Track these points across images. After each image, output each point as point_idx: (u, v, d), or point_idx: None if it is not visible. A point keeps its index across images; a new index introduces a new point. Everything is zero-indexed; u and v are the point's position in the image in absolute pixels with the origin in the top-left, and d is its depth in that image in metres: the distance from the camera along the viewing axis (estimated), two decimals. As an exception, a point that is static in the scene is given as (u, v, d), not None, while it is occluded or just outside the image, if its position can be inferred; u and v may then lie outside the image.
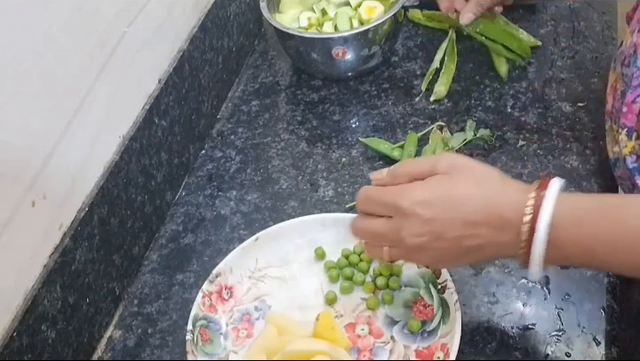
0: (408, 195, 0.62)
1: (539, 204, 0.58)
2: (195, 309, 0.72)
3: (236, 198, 0.91)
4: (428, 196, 0.62)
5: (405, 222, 0.62)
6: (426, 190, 0.62)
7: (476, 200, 0.61)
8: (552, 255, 0.59)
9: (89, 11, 0.74)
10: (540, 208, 0.58)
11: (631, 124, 0.74)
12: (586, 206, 0.59)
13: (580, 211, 0.59)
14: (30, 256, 0.67)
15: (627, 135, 0.74)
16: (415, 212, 0.61)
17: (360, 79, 1.06)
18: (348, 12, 1.04)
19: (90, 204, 0.75)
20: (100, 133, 0.78)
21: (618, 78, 0.77)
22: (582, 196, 0.62)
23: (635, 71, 0.72)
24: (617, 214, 0.58)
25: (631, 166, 0.74)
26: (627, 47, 0.75)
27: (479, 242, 0.61)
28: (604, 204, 0.60)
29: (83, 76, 0.74)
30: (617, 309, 0.73)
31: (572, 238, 0.58)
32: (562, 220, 0.58)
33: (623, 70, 0.75)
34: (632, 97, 0.73)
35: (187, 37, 0.95)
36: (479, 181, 0.62)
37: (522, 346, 0.70)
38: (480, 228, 0.60)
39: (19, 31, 0.64)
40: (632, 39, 0.74)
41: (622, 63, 0.75)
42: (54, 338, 0.69)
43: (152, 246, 0.87)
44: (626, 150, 0.75)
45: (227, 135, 1.01)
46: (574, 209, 0.59)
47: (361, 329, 0.74)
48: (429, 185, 0.62)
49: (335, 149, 0.95)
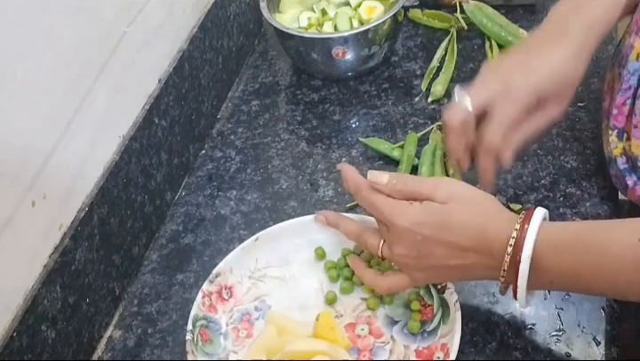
0: (404, 215, 0.66)
1: (522, 235, 0.61)
2: (195, 309, 0.72)
3: (236, 198, 0.91)
4: (423, 218, 0.65)
5: (397, 240, 0.67)
6: (421, 213, 0.65)
7: (467, 228, 0.64)
8: (536, 282, 0.62)
9: (89, 11, 0.74)
10: (523, 240, 0.61)
11: (621, 125, 0.74)
12: (567, 234, 0.62)
13: (561, 240, 0.61)
14: (30, 256, 0.67)
15: (617, 136, 0.75)
16: (408, 231, 0.65)
17: (360, 79, 1.06)
18: (347, 12, 1.04)
19: (90, 204, 0.75)
20: (100, 133, 0.78)
21: (615, 78, 0.77)
22: (565, 225, 0.64)
23: (625, 74, 0.73)
24: (598, 240, 0.60)
25: (622, 167, 0.75)
26: (625, 47, 0.75)
27: (465, 263, 0.65)
28: (586, 231, 0.62)
29: (83, 76, 0.74)
30: (617, 309, 0.72)
31: (554, 265, 0.61)
32: (543, 250, 0.61)
33: (619, 71, 0.75)
34: (622, 99, 0.73)
35: (187, 37, 0.95)
36: (474, 211, 0.65)
37: (522, 346, 0.70)
38: (468, 252, 0.64)
39: (19, 31, 0.64)
40: (629, 40, 0.74)
41: (620, 63, 0.76)
42: (54, 338, 0.69)
43: (152, 246, 0.87)
44: (616, 151, 0.75)
45: (227, 135, 1.01)
46: (556, 239, 0.61)
47: (361, 329, 0.74)
48: (426, 209, 0.65)
49: (335, 149, 0.95)
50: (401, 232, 0.66)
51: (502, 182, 0.86)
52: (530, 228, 0.61)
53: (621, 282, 0.59)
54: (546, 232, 0.61)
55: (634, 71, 0.72)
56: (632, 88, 0.72)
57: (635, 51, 0.72)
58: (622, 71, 0.74)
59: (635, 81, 0.72)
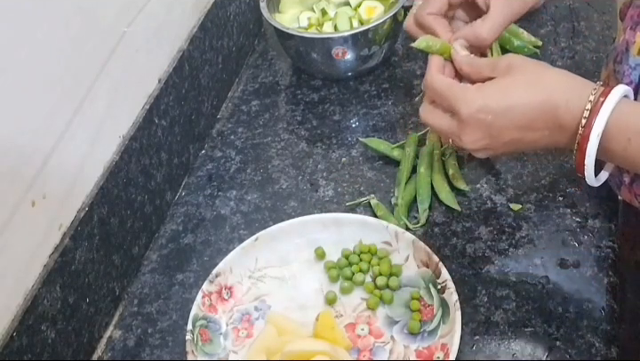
0: (468, 101, 0.67)
1: (597, 108, 0.61)
2: (194, 309, 0.72)
3: (236, 198, 0.91)
4: (487, 102, 0.66)
5: (465, 128, 0.67)
6: (484, 97, 0.66)
7: (532, 104, 0.65)
8: (605, 154, 0.64)
9: (89, 11, 0.74)
10: (596, 115, 0.61)
11: None
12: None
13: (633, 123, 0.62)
14: (30, 256, 0.67)
15: None
16: (474, 119, 0.66)
17: (360, 79, 1.06)
18: (347, 12, 1.04)
19: (90, 204, 0.75)
20: (100, 133, 0.78)
21: (610, 75, 0.77)
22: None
23: (626, 69, 0.72)
24: None
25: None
26: (619, 44, 0.75)
27: (535, 138, 0.66)
28: None
29: (83, 75, 0.74)
30: (617, 309, 0.73)
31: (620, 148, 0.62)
32: (613, 132, 0.62)
33: (615, 67, 0.75)
34: None
35: (187, 37, 0.95)
36: (537, 83, 0.65)
37: (522, 346, 0.71)
38: (536, 129, 0.65)
39: (19, 31, 0.64)
40: (624, 36, 0.74)
41: (615, 60, 0.76)
42: (54, 338, 0.69)
43: (152, 246, 0.87)
44: None
45: (227, 135, 1.01)
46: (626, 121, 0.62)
47: (361, 329, 0.74)
48: (488, 91, 0.66)
49: (335, 149, 0.95)
50: (466, 120, 0.66)
51: (502, 182, 0.86)
52: (606, 102, 0.61)
53: None
54: (621, 109, 0.62)
55: (635, 65, 0.72)
56: (633, 83, 0.72)
57: (635, 46, 0.72)
58: (617, 67, 0.74)
59: (636, 76, 0.72)
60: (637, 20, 0.72)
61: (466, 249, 0.80)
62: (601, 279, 0.75)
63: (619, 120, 0.62)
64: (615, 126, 0.62)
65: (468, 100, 0.67)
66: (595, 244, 0.78)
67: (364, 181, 0.90)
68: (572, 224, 0.80)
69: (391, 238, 0.78)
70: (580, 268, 0.76)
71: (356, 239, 0.79)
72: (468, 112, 0.66)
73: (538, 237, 0.80)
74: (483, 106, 0.66)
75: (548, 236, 0.80)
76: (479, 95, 0.66)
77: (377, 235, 0.78)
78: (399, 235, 0.77)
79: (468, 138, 0.68)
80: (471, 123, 0.67)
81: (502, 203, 0.84)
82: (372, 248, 0.78)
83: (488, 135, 0.67)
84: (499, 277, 0.77)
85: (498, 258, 0.78)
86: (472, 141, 0.68)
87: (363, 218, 0.80)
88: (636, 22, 0.72)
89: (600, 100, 0.62)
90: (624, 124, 0.62)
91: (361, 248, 0.79)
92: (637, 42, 0.71)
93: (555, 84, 0.65)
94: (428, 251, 0.74)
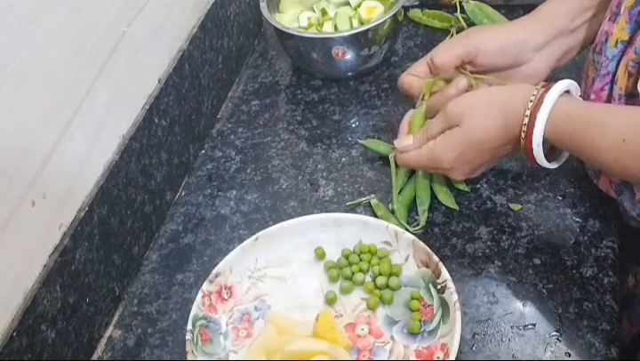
0: (441, 157, 0.78)
1: (541, 99, 0.70)
2: (194, 309, 0.72)
3: (236, 198, 0.91)
4: (453, 147, 0.77)
5: (453, 169, 0.79)
6: (451, 144, 0.77)
7: (490, 131, 0.74)
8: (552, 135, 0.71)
9: (89, 11, 0.74)
10: (540, 105, 0.70)
11: None
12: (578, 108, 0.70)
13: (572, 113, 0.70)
14: (30, 256, 0.67)
15: None
16: (456, 161, 0.78)
17: (360, 79, 1.06)
18: (347, 12, 1.04)
19: (90, 203, 0.75)
20: (100, 133, 0.78)
21: (590, 65, 0.77)
22: (570, 114, 0.70)
23: (604, 60, 0.73)
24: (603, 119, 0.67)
25: None
26: (599, 34, 0.75)
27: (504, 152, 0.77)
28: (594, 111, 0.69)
29: (83, 75, 0.74)
30: (617, 309, 0.73)
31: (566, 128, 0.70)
32: (557, 114, 0.70)
33: (594, 57, 0.76)
34: (600, 84, 0.74)
35: (186, 37, 0.95)
36: (488, 114, 0.74)
37: (522, 346, 0.71)
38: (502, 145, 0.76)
39: (19, 31, 0.64)
40: (603, 27, 0.74)
41: (594, 50, 0.76)
42: (54, 338, 0.69)
43: (152, 246, 0.87)
44: None
45: (227, 135, 1.01)
46: (561, 130, 0.70)
47: (361, 329, 0.74)
48: (453, 139, 0.77)
49: (335, 149, 0.95)
50: (452, 163, 0.78)
51: (502, 182, 0.86)
52: (540, 112, 0.70)
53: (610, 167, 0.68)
54: (560, 103, 0.70)
55: (612, 57, 0.72)
56: (610, 74, 0.73)
57: (613, 37, 0.72)
58: (597, 57, 0.75)
59: (613, 67, 0.72)
60: (616, 10, 0.72)
61: (466, 249, 0.80)
62: (601, 279, 0.75)
63: (559, 111, 0.69)
64: (557, 118, 0.69)
65: (441, 154, 0.78)
66: (595, 244, 0.78)
67: (364, 181, 0.90)
68: (572, 224, 0.80)
69: (391, 238, 0.78)
70: (580, 268, 0.76)
71: (356, 239, 0.79)
72: (449, 160, 0.78)
73: (538, 237, 0.80)
74: (456, 150, 0.77)
75: (548, 236, 0.80)
76: (448, 146, 0.78)
77: (377, 235, 0.78)
78: (399, 235, 0.77)
79: (459, 171, 0.80)
80: (456, 165, 0.78)
81: (502, 203, 0.84)
82: (372, 248, 0.78)
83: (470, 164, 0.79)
84: (499, 277, 0.77)
85: (498, 258, 0.78)
86: (464, 173, 0.80)
87: (363, 218, 0.80)
88: (615, 13, 0.72)
89: (541, 91, 0.70)
90: (559, 130, 0.70)
91: (361, 248, 0.79)
92: (615, 33, 0.72)
93: (505, 103, 0.74)
94: (427, 251, 0.75)
